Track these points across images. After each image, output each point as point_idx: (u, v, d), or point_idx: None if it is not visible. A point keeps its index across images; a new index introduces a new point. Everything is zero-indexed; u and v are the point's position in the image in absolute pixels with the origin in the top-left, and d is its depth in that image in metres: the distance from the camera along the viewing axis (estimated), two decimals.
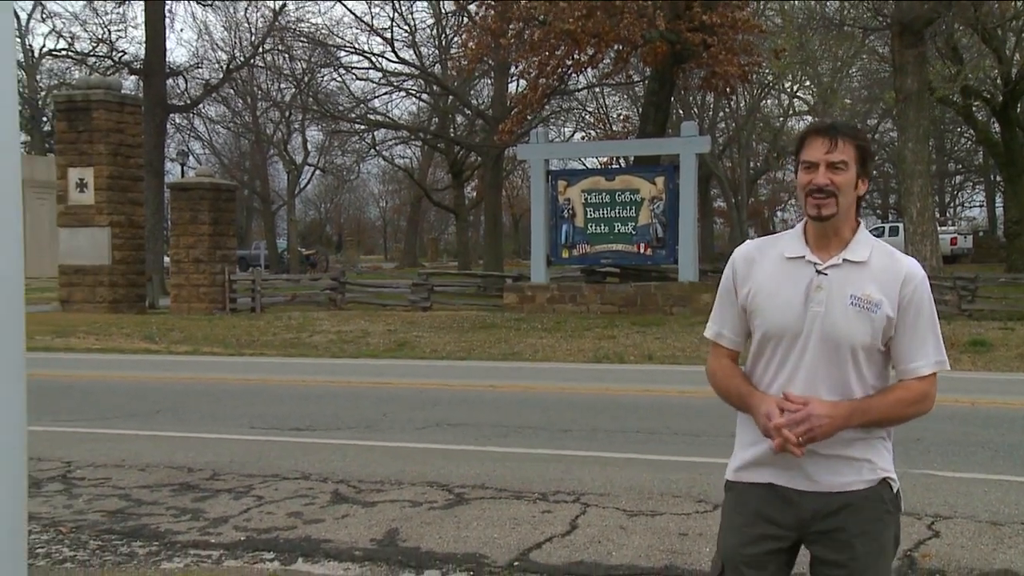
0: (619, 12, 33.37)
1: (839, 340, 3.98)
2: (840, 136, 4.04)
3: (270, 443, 13.67)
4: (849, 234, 4.12)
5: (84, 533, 9.81)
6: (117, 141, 35.90)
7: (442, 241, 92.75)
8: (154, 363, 24.51)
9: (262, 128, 67.61)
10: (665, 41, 34.18)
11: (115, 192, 35.83)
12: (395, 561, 8.77)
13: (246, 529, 9.75)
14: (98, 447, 13.24)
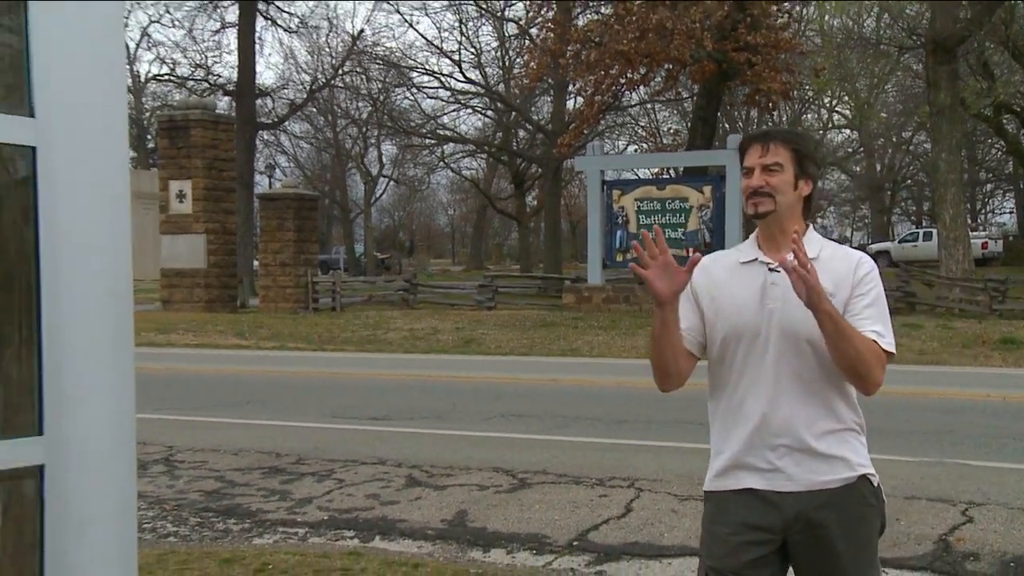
0: (669, 34, 33.23)
1: (797, 333, 3.84)
2: (772, 141, 3.96)
3: (349, 431, 13.75)
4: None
5: (185, 511, 9.92)
6: (212, 156, 36.22)
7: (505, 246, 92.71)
8: (245, 357, 24.68)
9: (341, 143, 67.81)
10: (712, 60, 34.04)
11: (210, 202, 36.14)
12: (464, 540, 8.79)
13: (328, 509, 9.81)
14: (196, 433, 13.37)
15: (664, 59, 34.77)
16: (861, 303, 3.85)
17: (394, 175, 74.35)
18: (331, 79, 56.41)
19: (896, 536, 8.46)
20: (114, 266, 2.97)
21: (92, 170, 2.87)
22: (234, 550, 8.52)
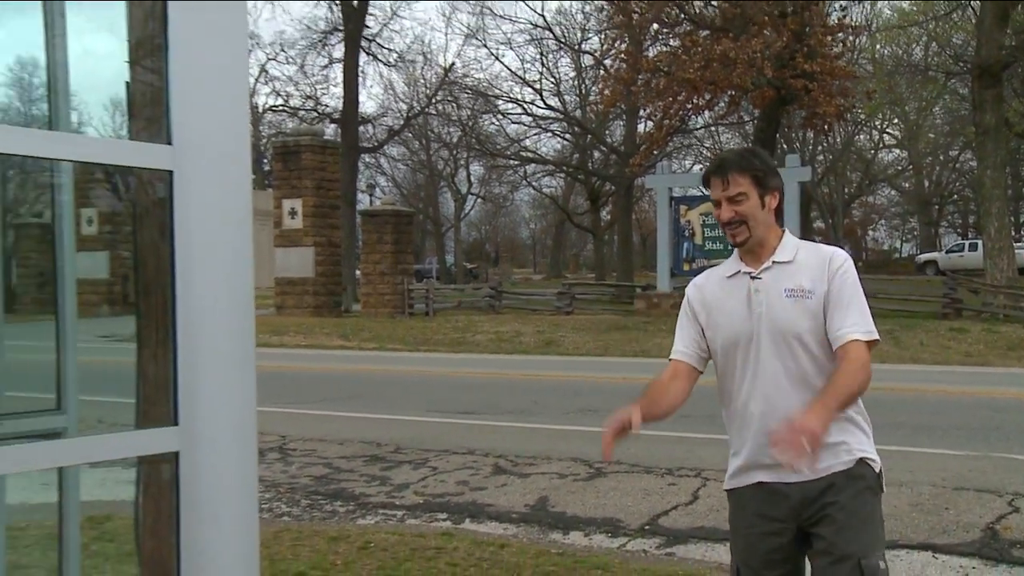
0: (732, 63, 33.05)
1: (784, 330, 3.81)
2: (730, 171, 3.91)
3: (442, 424, 13.81)
4: (775, 242, 3.96)
5: (297, 493, 10.03)
6: (320, 177, 36.57)
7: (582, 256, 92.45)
8: (348, 357, 24.85)
9: (434, 164, 68.13)
10: (772, 87, 33.88)
11: (318, 219, 36.48)
12: (545, 523, 8.81)
13: (423, 494, 9.87)
14: (306, 425, 13.50)
15: (727, 86, 34.68)
16: (832, 297, 3.80)
17: (481, 193, 74.55)
18: (425, 107, 56.66)
19: (945, 524, 8.39)
20: (238, 276, 3.03)
21: (220, 191, 2.94)
22: (340, 529, 8.60)
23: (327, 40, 50.35)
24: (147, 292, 3.91)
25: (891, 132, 64.14)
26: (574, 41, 53.74)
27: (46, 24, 3.68)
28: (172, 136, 2.84)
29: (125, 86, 4.10)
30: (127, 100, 4.04)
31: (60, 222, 3.88)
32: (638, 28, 38.75)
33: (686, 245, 32.52)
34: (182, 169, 2.84)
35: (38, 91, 4.84)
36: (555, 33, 53.49)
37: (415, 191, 71.94)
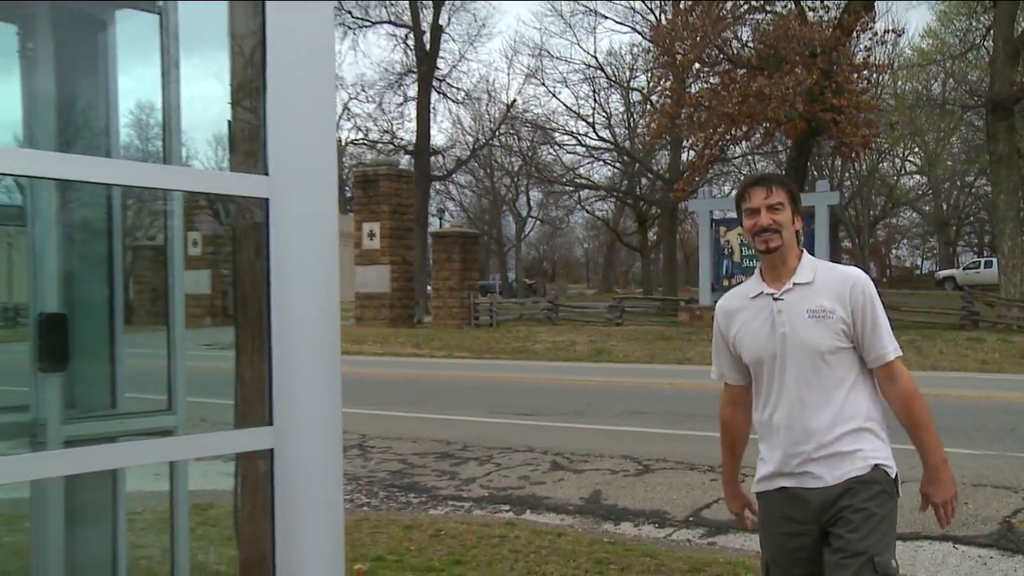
0: (767, 98, 32.95)
1: (808, 348, 3.74)
2: (773, 184, 3.86)
3: (505, 424, 13.82)
4: (795, 262, 3.87)
5: (375, 486, 10.08)
6: (395, 203, 36.73)
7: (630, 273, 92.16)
8: (420, 364, 24.91)
9: (497, 190, 68.24)
10: (803, 120, 33.79)
11: (394, 240, 36.64)
12: (598, 515, 8.80)
13: (488, 487, 9.88)
14: (383, 424, 13.56)
15: (762, 119, 34.64)
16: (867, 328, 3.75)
17: (539, 216, 74.62)
18: (489, 139, 56.83)
19: (965, 518, 8.29)
20: (325, 292, 3.07)
21: (309, 216, 2.98)
22: (414, 519, 8.64)
23: (403, 81, 50.67)
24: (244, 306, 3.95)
25: (912, 160, 63.79)
26: (623, 79, 53.75)
27: (163, 72, 3.75)
28: (269, 168, 2.89)
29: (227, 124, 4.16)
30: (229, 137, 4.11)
31: (171, 244, 3.94)
32: (681, 67, 38.67)
33: (725, 262, 32.52)
34: (277, 197, 2.89)
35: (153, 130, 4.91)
36: (606, 72, 53.56)
37: (480, 214, 72.03)
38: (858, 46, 36.63)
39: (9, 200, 4.12)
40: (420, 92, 49.47)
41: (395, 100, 51.02)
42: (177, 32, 3.73)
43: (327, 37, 3.05)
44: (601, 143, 54.80)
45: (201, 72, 3.84)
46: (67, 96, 3.80)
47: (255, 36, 3.76)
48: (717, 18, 36.48)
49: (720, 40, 37.17)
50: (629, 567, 6.98)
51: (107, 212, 3.95)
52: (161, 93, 3.76)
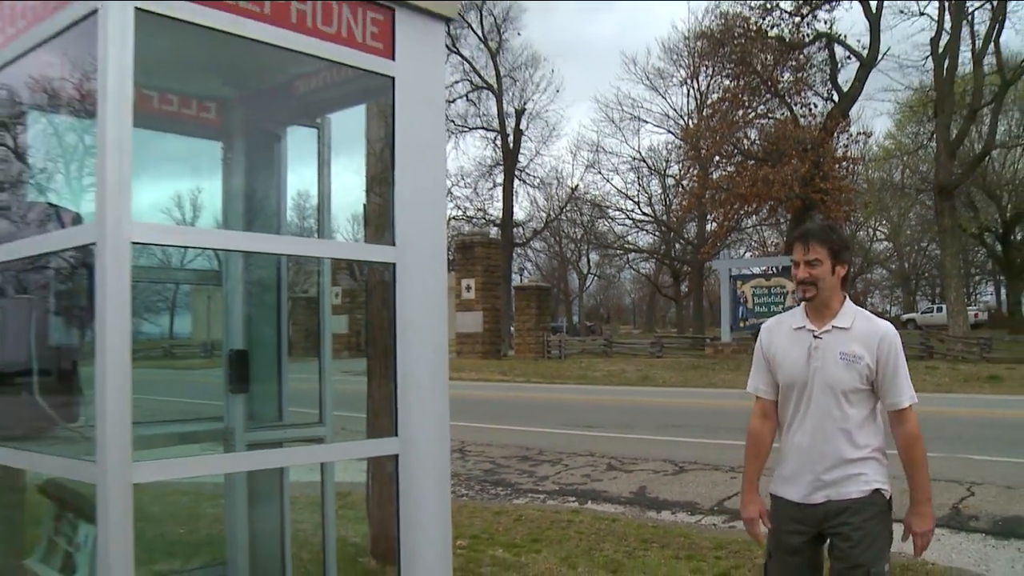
0: (771, 183, 33.06)
1: (833, 386, 3.46)
2: (812, 240, 3.52)
3: (571, 434, 13.73)
4: (837, 307, 3.55)
5: (472, 481, 10.04)
6: (486, 264, 36.81)
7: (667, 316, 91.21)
8: (505, 387, 24.86)
9: (564, 253, 68.28)
10: (799, 199, 34.05)
11: (485, 292, 36.68)
12: (644, 505, 8.69)
13: (558, 483, 9.80)
14: (478, 434, 13.52)
15: (768, 198, 34.85)
16: (887, 376, 3.48)
17: (597, 273, 74.45)
18: (558, 214, 56.93)
19: None
20: (437, 332, 3.09)
21: (425, 276, 3.01)
22: (501, 507, 8.59)
23: (492, 171, 50.94)
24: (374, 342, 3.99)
25: (881, 229, 64.16)
26: (661, 168, 53.68)
27: (319, 170, 3.84)
28: (396, 240, 2.92)
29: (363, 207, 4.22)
30: (364, 215, 4.16)
31: (322, 296, 4.00)
32: (705, 159, 38.76)
33: (741, 309, 32.21)
34: (402, 262, 2.92)
35: (308, 211, 5.01)
36: (647, 163, 53.58)
37: (551, 272, 71.95)
38: (838, 144, 36.54)
39: (209, 265, 4.23)
40: (505, 180, 49.85)
41: (486, 186, 51.38)
42: (330, 141, 3.82)
43: (439, 141, 3.10)
44: (644, 217, 54.81)
45: (342, 168, 3.93)
46: (251, 189, 3.91)
47: (383, 140, 3.84)
48: (732, 123, 36.67)
49: (734, 139, 37.25)
50: (668, 545, 6.89)
51: (277, 272, 4.03)
52: (317, 185, 3.85)
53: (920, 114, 41.38)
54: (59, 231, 3.30)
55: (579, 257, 69.59)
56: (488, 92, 49.87)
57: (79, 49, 2.63)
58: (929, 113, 38.05)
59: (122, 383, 2.26)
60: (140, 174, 2.33)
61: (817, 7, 36.22)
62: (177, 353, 24.10)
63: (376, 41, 2.87)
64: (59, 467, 2.77)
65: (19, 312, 3.61)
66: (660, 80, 50.25)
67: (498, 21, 48.98)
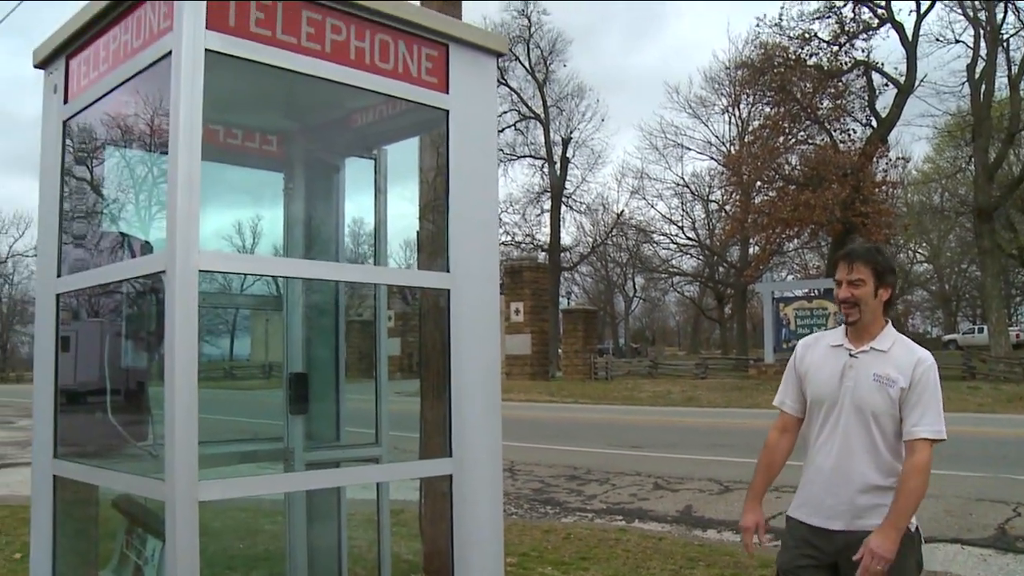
0: (812, 207, 32.80)
1: (863, 406, 3.23)
2: (856, 260, 3.32)
3: (618, 454, 13.64)
4: (877, 330, 3.34)
5: (521, 500, 10.00)
6: (534, 287, 36.84)
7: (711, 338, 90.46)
8: (553, 408, 24.81)
9: (610, 277, 68.07)
10: (840, 223, 33.73)
11: (533, 315, 36.69)
12: (690, 524, 8.60)
13: (606, 502, 9.74)
14: (527, 454, 13.48)
15: (809, 222, 34.60)
16: (913, 401, 3.21)
17: (642, 296, 74.03)
18: (604, 239, 56.80)
19: (969, 525, 8.01)
20: (488, 355, 3.10)
21: (478, 301, 3.02)
22: (550, 525, 8.54)
23: (540, 198, 51.01)
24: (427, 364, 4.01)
25: (921, 252, 63.19)
26: (704, 194, 53.35)
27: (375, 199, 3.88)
28: (449, 266, 2.94)
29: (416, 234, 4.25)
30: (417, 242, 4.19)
31: (378, 319, 4.03)
32: (747, 185, 38.50)
33: (783, 331, 31.92)
34: (456, 288, 2.94)
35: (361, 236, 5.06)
36: (691, 189, 53.30)
37: (597, 295, 71.69)
38: (878, 168, 36.18)
39: (268, 290, 4.28)
40: (553, 206, 49.93)
41: (534, 212, 51.43)
42: (386, 171, 3.86)
43: (491, 171, 3.12)
44: (688, 241, 54.45)
45: (395, 196, 3.96)
46: (311, 217, 3.97)
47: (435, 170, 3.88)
48: (773, 149, 36.44)
49: (775, 164, 36.98)
50: (713, 563, 6.79)
51: (334, 297, 4.07)
52: (374, 213, 3.89)
53: (958, 139, 40.85)
54: (132, 260, 3.37)
55: (625, 280, 69.29)
56: (535, 121, 50.11)
57: (150, 86, 2.71)
58: (967, 137, 37.58)
59: (189, 405, 2.30)
60: (205, 204, 2.38)
61: (854, 36, 36.04)
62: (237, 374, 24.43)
63: (431, 76, 2.90)
64: (130, 484, 2.82)
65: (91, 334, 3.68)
66: (702, 108, 49.95)
67: (544, 53, 49.29)
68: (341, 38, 2.68)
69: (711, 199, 52.64)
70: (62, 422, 3.08)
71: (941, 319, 74.84)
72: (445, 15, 3.22)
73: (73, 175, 3.28)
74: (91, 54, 2.88)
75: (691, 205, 55.08)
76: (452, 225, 2.93)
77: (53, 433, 3.04)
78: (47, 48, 3.09)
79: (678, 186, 53.49)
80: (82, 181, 3.44)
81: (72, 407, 3.28)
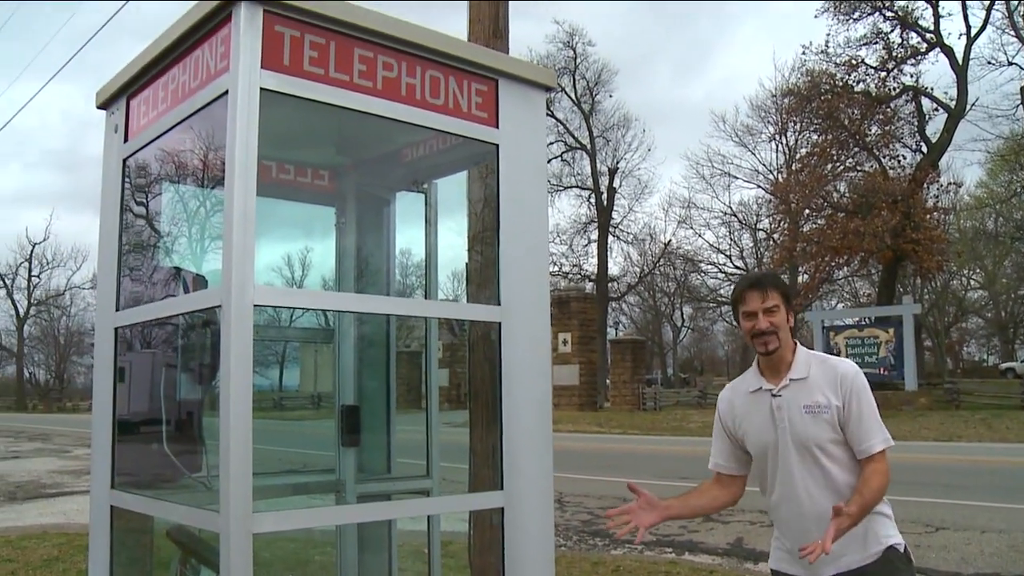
0: (862, 235, 32.44)
1: (806, 442, 3.00)
2: (768, 287, 3.09)
3: (667, 485, 13.41)
4: (791, 356, 3.10)
5: (570, 532, 9.93)
6: (582, 318, 36.75)
7: None
8: (602, 439, 24.63)
9: (658, 307, 67.73)
10: (890, 250, 33.37)
11: (581, 346, 36.57)
12: (741, 556, 8.47)
13: (655, 534, 9.60)
14: (575, 485, 13.40)
15: (859, 250, 34.26)
16: (852, 419, 2.98)
17: (690, 325, 73.54)
18: (652, 269, 56.65)
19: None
20: (540, 388, 3.08)
21: (530, 333, 3.01)
22: (599, 557, 8.46)
23: (587, 228, 51.04)
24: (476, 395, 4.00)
25: (975, 279, 61.81)
26: (751, 222, 52.99)
27: (425, 232, 3.91)
28: (500, 299, 2.94)
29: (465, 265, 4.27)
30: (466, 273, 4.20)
31: (428, 351, 4.04)
32: (795, 213, 38.20)
33: None
34: (507, 320, 2.93)
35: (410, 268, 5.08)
36: (738, 217, 52.99)
37: (645, 325, 71.30)
38: (929, 194, 35.70)
39: (317, 322, 4.32)
40: (600, 236, 49.91)
41: (581, 242, 51.44)
42: (436, 204, 3.89)
43: (541, 203, 3.12)
44: (736, 270, 53.94)
45: (443, 229, 3.98)
46: (362, 251, 4.01)
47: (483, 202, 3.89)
48: (821, 176, 36.18)
49: (824, 192, 36.69)
50: None
51: (385, 328, 4.09)
52: (424, 247, 3.91)
53: (1012, 162, 40.19)
54: (188, 295, 3.43)
55: (673, 310, 68.89)
56: (582, 152, 50.27)
57: (203, 123, 2.76)
58: (1021, 161, 36.89)
59: (244, 438, 2.32)
60: (258, 238, 2.41)
61: (902, 62, 35.73)
62: (286, 404, 24.68)
63: (481, 110, 2.93)
64: (186, 516, 2.84)
65: (144, 365, 3.74)
66: (749, 136, 49.69)
67: (590, 84, 49.50)
68: (392, 75, 2.71)
69: (759, 227, 52.29)
70: (118, 452, 3.12)
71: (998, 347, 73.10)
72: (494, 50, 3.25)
73: (131, 210, 3.35)
74: (150, 94, 2.95)
75: (739, 234, 54.76)
76: (503, 259, 2.93)
77: (111, 464, 3.08)
78: (109, 90, 3.18)
79: (725, 215, 53.24)
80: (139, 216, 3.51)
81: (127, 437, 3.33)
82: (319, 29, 2.56)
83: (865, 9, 36.09)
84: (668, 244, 54.18)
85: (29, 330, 71.99)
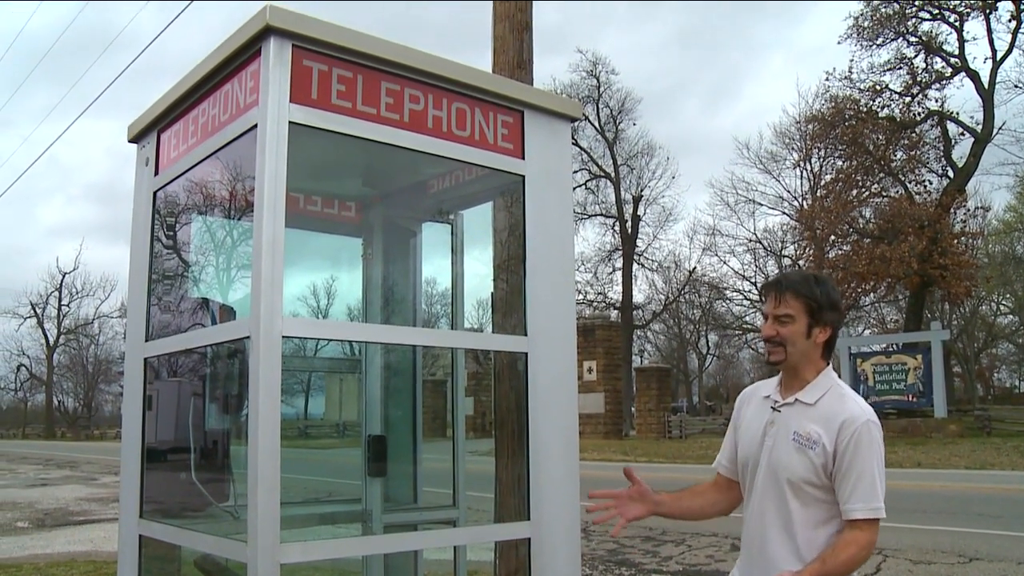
0: (888, 260, 32.19)
1: (777, 472, 2.67)
2: (785, 292, 2.74)
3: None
4: (811, 376, 2.74)
5: (596, 561, 9.83)
6: (607, 346, 36.65)
7: None
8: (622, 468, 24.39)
9: (683, 334, 67.45)
10: (917, 276, 33.10)
11: (606, 374, 36.46)
12: None
13: (682, 563, 9.52)
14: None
15: (886, 276, 34.02)
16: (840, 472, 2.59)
17: (716, 353, 73.14)
18: (677, 297, 56.46)
19: None
20: (567, 417, 3.07)
21: (556, 363, 3.00)
22: None
23: (611, 256, 50.99)
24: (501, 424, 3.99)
25: (1005, 304, 60.94)
26: (776, 249, 52.72)
27: (452, 262, 3.92)
28: (527, 329, 2.94)
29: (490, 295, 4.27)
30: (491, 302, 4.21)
31: (455, 380, 4.03)
32: (820, 239, 38.00)
33: (862, 387, 31.06)
34: (534, 350, 2.93)
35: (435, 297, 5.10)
36: (763, 244, 52.75)
37: (671, 353, 70.99)
38: (956, 219, 35.41)
39: (343, 351, 4.33)
40: (624, 264, 49.86)
41: (606, 270, 51.38)
42: (462, 234, 3.91)
43: (567, 234, 3.12)
44: (759, 297, 53.83)
45: (469, 258, 3.99)
46: (388, 281, 4.03)
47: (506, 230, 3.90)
48: (846, 202, 36.05)
49: (849, 218, 36.54)
50: None
51: (412, 357, 4.10)
52: (451, 278, 3.93)
53: None
54: (217, 326, 3.45)
55: (698, 338, 68.57)
56: (606, 180, 50.33)
57: (231, 155, 2.79)
58: None
59: (272, 469, 2.32)
60: (286, 269, 2.42)
61: (927, 87, 35.61)
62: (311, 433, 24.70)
63: (507, 142, 2.94)
64: (214, 546, 2.85)
65: (171, 393, 3.76)
66: (773, 163, 49.54)
67: (614, 112, 49.62)
68: (419, 107, 2.74)
69: (784, 254, 52.00)
70: (146, 481, 3.14)
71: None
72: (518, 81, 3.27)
73: (160, 241, 3.39)
74: (180, 128, 3.00)
75: (764, 261, 54.47)
76: (529, 290, 2.93)
77: (140, 493, 3.10)
78: (140, 124, 3.23)
79: (750, 242, 53.01)
80: (168, 248, 3.55)
81: (154, 465, 3.34)
82: (347, 63, 2.59)
83: (889, 35, 36.07)
84: (693, 271, 54.03)
85: (58, 358, 72.81)
